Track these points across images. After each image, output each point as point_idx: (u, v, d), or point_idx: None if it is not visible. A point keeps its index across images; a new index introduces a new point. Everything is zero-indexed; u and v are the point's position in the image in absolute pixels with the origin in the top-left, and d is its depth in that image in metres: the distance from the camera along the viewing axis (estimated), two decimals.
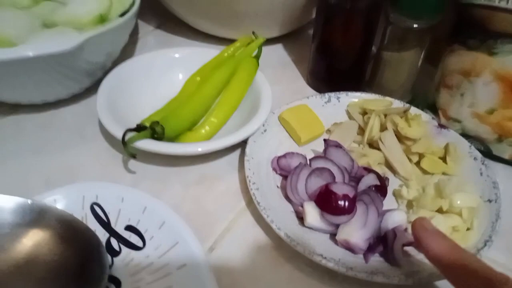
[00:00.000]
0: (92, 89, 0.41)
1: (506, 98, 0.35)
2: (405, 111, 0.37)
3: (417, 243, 0.26)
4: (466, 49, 0.35)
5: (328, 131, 0.39)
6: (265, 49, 0.51)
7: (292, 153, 0.35)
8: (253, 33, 0.43)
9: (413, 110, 0.39)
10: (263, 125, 0.36)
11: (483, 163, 0.35)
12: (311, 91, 0.46)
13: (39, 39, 0.37)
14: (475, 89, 0.35)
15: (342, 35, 0.40)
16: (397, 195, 0.34)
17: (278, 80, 0.47)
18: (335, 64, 0.43)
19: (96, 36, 0.35)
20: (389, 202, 0.34)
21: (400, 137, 0.36)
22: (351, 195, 0.30)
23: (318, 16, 0.41)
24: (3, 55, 0.32)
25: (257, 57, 0.40)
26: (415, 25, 0.37)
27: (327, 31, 0.41)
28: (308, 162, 0.34)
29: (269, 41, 0.51)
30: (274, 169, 0.35)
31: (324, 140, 0.36)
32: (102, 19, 0.42)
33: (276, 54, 0.51)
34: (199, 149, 0.33)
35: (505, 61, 0.33)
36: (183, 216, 0.30)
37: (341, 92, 0.41)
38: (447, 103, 0.38)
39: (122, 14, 0.44)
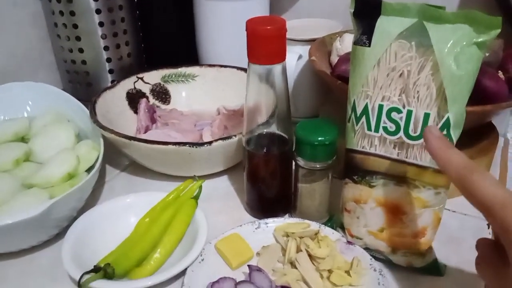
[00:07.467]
0: (61, 234, 0.49)
1: (389, 219, 0.44)
2: (316, 234, 0.46)
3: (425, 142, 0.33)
4: (353, 182, 0.45)
5: (258, 253, 0.47)
6: (212, 181, 0.62)
7: (225, 277, 0.43)
8: (194, 176, 0.53)
9: (326, 231, 0.47)
10: (201, 255, 0.45)
11: (380, 274, 0.43)
12: (248, 218, 0.54)
13: (17, 202, 0.46)
14: (366, 213, 0.45)
15: (263, 172, 0.51)
16: None
17: (222, 210, 0.56)
18: (264, 194, 0.52)
19: (62, 198, 0.44)
20: None
21: (312, 257, 0.45)
22: None
23: (244, 156, 0.51)
24: None
25: (197, 197, 0.50)
26: (317, 166, 0.48)
27: (252, 169, 0.51)
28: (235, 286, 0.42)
29: (216, 174, 0.62)
30: None
31: (248, 265, 0.44)
32: (70, 176, 0.52)
33: (222, 185, 0.61)
34: (149, 282, 0.40)
35: (381, 191, 0.43)
36: None
37: (269, 219, 0.50)
38: (349, 224, 0.47)
39: (88, 170, 0.54)
